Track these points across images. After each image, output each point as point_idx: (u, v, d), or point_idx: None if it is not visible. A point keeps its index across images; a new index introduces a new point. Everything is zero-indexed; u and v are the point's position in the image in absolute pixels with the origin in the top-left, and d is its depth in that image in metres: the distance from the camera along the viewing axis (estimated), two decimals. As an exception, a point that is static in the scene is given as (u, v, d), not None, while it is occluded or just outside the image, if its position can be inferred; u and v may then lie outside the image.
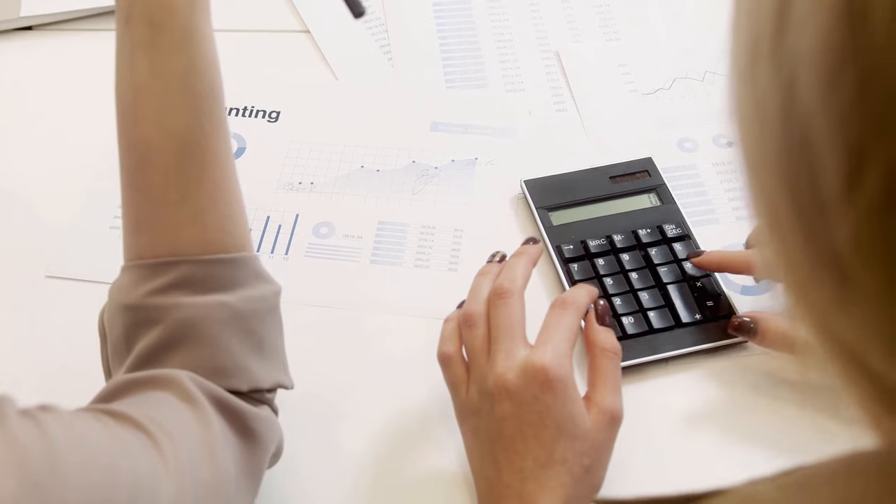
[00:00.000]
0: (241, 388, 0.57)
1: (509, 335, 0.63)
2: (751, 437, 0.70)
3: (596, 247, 0.80)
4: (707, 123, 0.94)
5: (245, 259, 0.59)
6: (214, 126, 0.58)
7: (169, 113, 0.57)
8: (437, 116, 0.94)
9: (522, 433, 0.60)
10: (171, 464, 0.49)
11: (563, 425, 0.60)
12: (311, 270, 0.81)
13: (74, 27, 1.05)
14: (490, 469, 0.62)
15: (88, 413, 0.50)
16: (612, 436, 0.63)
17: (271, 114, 0.94)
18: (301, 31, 1.04)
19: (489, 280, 0.68)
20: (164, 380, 0.55)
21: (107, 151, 0.90)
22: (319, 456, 0.70)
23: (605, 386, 0.63)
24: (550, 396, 0.60)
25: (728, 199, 0.87)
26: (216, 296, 0.57)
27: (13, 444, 0.43)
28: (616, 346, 0.65)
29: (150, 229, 0.58)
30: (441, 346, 0.67)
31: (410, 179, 0.88)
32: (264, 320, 0.60)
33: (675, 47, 1.02)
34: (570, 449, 0.60)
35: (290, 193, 0.87)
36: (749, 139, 0.30)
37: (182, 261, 0.57)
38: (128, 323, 0.57)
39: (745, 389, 0.73)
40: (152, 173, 0.57)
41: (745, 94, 0.30)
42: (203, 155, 0.58)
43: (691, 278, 0.77)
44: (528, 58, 1.01)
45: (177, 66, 0.57)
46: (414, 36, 1.03)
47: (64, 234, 0.84)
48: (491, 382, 0.62)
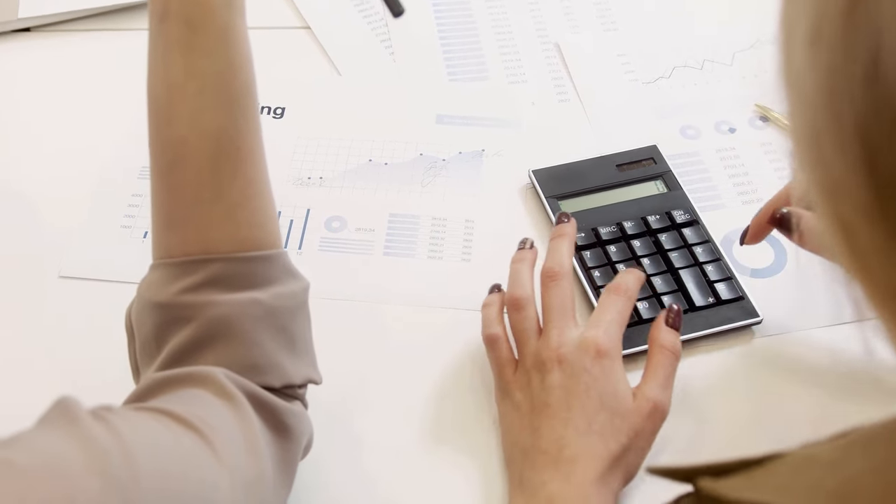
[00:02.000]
0: (274, 384, 0.58)
1: (562, 314, 0.68)
2: (766, 417, 0.72)
3: (607, 234, 0.81)
4: (708, 111, 0.95)
5: (277, 255, 0.60)
6: (249, 123, 0.59)
7: (204, 112, 0.57)
8: (442, 109, 0.95)
9: (568, 402, 0.64)
10: (225, 465, 0.50)
11: (606, 399, 0.63)
12: (325, 264, 0.82)
13: (73, 28, 1.04)
14: (529, 439, 0.64)
15: (148, 414, 0.50)
16: (652, 426, 0.65)
17: (276, 110, 0.95)
18: (301, 27, 1.04)
19: (527, 265, 0.72)
20: (200, 377, 0.55)
21: (111, 151, 0.91)
22: (339, 448, 0.70)
23: (655, 379, 0.66)
24: (599, 369, 0.64)
25: (733, 185, 0.88)
26: (249, 293, 0.57)
27: (92, 445, 0.43)
28: (677, 347, 0.67)
29: (182, 227, 0.58)
30: (487, 329, 0.70)
31: (419, 172, 0.89)
32: (295, 316, 0.60)
33: (673, 36, 1.03)
34: (609, 423, 0.63)
35: (299, 188, 0.88)
36: (814, 112, 0.31)
37: (215, 258, 0.57)
38: (158, 321, 0.57)
39: (758, 370, 0.74)
40: (186, 172, 0.57)
41: (809, 68, 0.31)
42: (237, 152, 0.58)
43: (702, 262, 0.78)
44: (528, 49, 1.02)
45: (213, 66, 0.57)
46: (414, 30, 1.04)
47: (75, 234, 0.84)
48: (545, 355, 0.66)
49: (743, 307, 0.76)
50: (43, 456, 0.42)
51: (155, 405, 0.51)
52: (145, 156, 0.89)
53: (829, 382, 0.73)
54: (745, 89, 0.97)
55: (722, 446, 0.70)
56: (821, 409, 0.72)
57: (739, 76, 0.98)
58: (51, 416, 0.46)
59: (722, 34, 1.03)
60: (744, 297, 0.77)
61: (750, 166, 0.90)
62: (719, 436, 0.71)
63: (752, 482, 0.37)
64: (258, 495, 0.53)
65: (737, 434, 0.71)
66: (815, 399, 0.72)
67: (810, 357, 0.75)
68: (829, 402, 0.72)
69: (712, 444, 0.70)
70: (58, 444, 0.43)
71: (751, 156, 0.91)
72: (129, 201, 0.86)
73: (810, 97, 0.31)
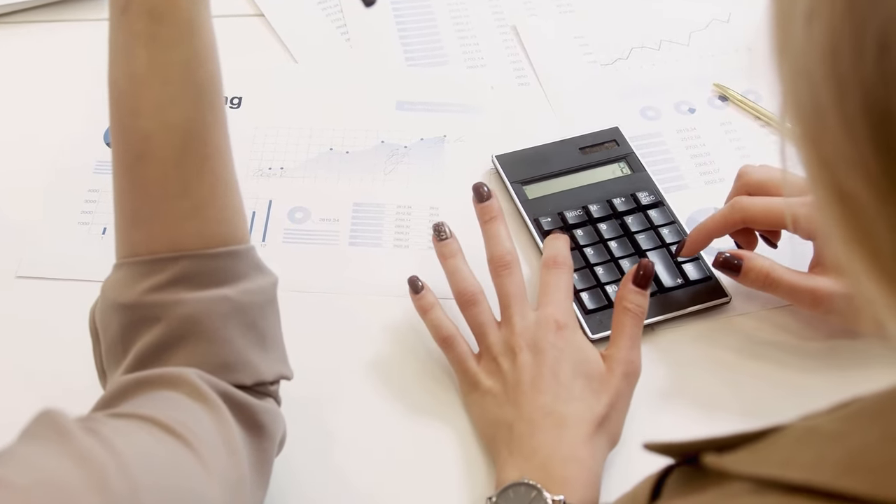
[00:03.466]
0: (246, 382, 0.57)
1: (520, 300, 0.70)
2: (737, 395, 0.72)
3: (573, 218, 0.80)
4: (667, 91, 0.95)
5: (245, 251, 0.58)
6: (216, 117, 0.57)
7: (170, 106, 0.55)
8: (402, 95, 0.94)
9: (542, 374, 0.65)
10: (212, 474, 0.49)
11: (578, 366, 0.66)
12: (291, 256, 0.81)
13: (25, 19, 1.01)
14: (511, 412, 0.65)
15: (135, 424, 0.49)
16: (627, 387, 0.67)
17: (233, 100, 0.93)
18: (255, 14, 1.02)
19: (461, 258, 0.73)
20: (172, 378, 0.54)
21: (66, 146, 0.89)
22: (310, 444, 0.69)
23: (622, 341, 0.67)
24: (563, 341, 0.67)
25: (695, 165, 0.88)
26: (217, 290, 0.56)
27: (88, 461, 0.42)
28: (641, 305, 0.68)
29: (147, 224, 0.56)
30: (438, 332, 0.71)
31: (381, 160, 0.88)
32: (265, 312, 0.59)
33: (629, 17, 1.03)
34: (588, 388, 0.65)
35: (261, 180, 0.86)
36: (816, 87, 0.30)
37: (182, 256, 0.55)
38: (125, 322, 0.56)
39: (728, 349, 0.75)
40: (152, 167, 0.56)
41: (810, 43, 0.30)
42: (205, 147, 0.56)
43: (669, 244, 0.79)
44: (486, 33, 1.02)
45: (178, 58, 0.55)
46: (370, 16, 1.03)
47: (32, 232, 0.82)
48: (512, 341, 0.67)
49: (711, 287, 0.77)
50: (39, 473, 0.41)
51: (136, 411, 0.50)
52: (100, 150, 0.88)
53: (798, 357, 0.74)
54: (703, 69, 0.97)
55: (694, 424, 0.71)
56: (791, 384, 0.73)
57: (697, 56, 0.99)
58: (38, 430, 0.45)
59: (678, 14, 1.03)
60: (712, 277, 0.77)
61: (711, 146, 0.90)
62: (691, 414, 0.71)
63: (757, 456, 0.37)
64: (240, 499, 0.52)
65: (709, 412, 0.71)
66: (785, 374, 0.73)
67: (779, 334, 0.75)
68: (799, 377, 0.73)
69: (684, 422, 0.71)
70: (52, 460, 0.42)
71: (711, 135, 0.91)
72: (86, 197, 0.84)
73: (812, 72, 0.31)
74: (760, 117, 0.92)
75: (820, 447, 0.35)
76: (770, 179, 0.74)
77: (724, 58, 0.98)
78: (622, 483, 0.65)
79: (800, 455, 0.36)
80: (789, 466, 0.35)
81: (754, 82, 0.94)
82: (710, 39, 1.00)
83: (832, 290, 0.70)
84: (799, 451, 0.36)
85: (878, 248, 0.31)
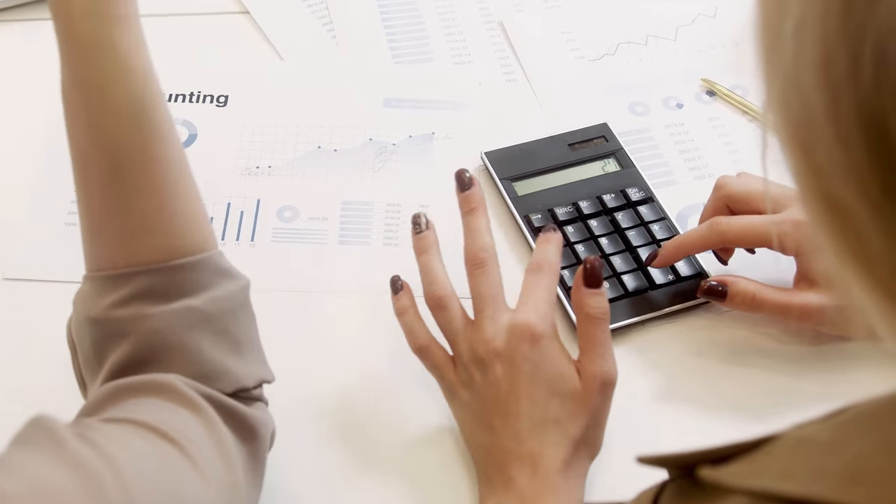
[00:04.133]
0: (226, 390, 0.56)
1: (493, 302, 0.65)
2: (730, 392, 0.72)
3: (563, 214, 0.80)
4: (655, 86, 0.95)
5: (205, 259, 0.57)
6: (146, 133, 0.55)
7: (94, 124, 0.55)
8: (389, 92, 0.94)
9: (515, 394, 0.62)
10: (206, 479, 0.49)
11: (553, 383, 0.62)
12: (280, 255, 0.80)
13: (9, 17, 1.00)
14: (485, 436, 0.63)
15: (129, 429, 0.48)
16: (605, 400, 0.64)
17: (219, 98, 0.92)
18: (240, 12, 1.01)
19: (435, 254, 0.69)
20: (157, 385, 0.53)
21: (52, 145, 0.87)
22: (302, 443, 0.69)
23: (593, 351, 0.64)
24: (538, 353, 0.62)
25: (684, 161, 0.88)
26: (182, 301, 0.55)
27: (83, 470, 0.42)
28: (602, 308, 0.64)
29: (102, 239, 0.56)
30: (413, 340, 0.67)
31: (369, 157, 0.88)
32: (237, 318, 0.58)
33: (616, 12, 1.03)
34: (563, 408, 0.62)
35: (248, 178, 0.86)
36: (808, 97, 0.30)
37: (139, 271, 0.55)
38: (95, 337, 0.56)
39: (720, 346, 0.75)
40: (93, 184, 0.56)
41: (801, 53, 0.30)
42: (138, 164, 0.55)
43: (660, 240, 0.79)
44: (472, 29, 1.01)
45: (88, 78, 0.54)
46: (355, 12, 1.02)
47: (17, 233, 0.81)
48: (481, 350, 0.63)
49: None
50: (34, 481, 0.40)
51: (128, 416, 0.50)
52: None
53: (791, 354, 0.74)
54: (691, 64, 0.97)
55: (685, 427, 0.71)
56: (784, 382, 0.73)
57: (684, 51, 0.99)
58: (31, 436, 0.44)
59: (664, 9, 1.03)
60: (703, 273, 0.77)
61: (700, 141, 0.90)
62: (684, 412, 0.71)
63: (753, 468, 0.37)
64: (235, 501, 0.52)
65: (703, 410, 0.71)
66: (778, 371, 0.73)
67: (771, 330, 0.75)
68: (792, 374, 0.73)
69: (674, 425, 0.71)
70: (47, 468, 0.42)
71: (700, 131, 0.91)
72: (72, 197, 0.82)
73: (803, 81, 0.31)
74: (748, 112, 0.92)
75: (817, 457, 0.35)
76: (751, 192, 0.73)
77: (711, 53, 0.98)
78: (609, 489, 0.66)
79: (796, 466, 0.35)
80: (786, 478, 0.35)
81: (742, 77, 0.94)
82: (696, 34, 1.00)
83: (820, 305, 0.69)
84: (795, 462, 0.35)
85: (872, 257, 0.31)
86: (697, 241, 0.74)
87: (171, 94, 0.92)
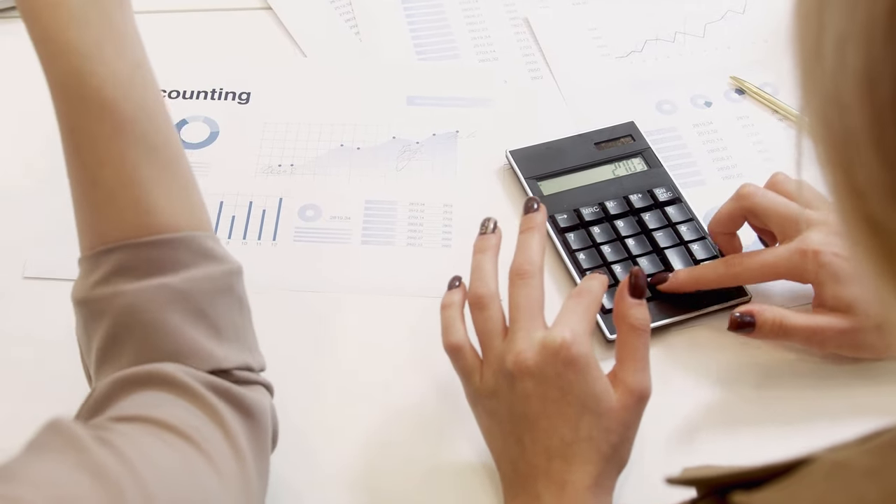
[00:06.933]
0: (202, 368, 0.55)
1: (529, 315, 0.63)
2: (759, 397, 0.71)
3: (589, 214, 0.79)
4: (683, 84, 0.94)
5: (185, 238, 0.56)
6: (112, 127, 0.55)
7: (62, 115, 0.56)
8: (413, 90, 0.93)
9: (546, 411, 0.60)
10: (223, 476, 0.48)
11: (587, 402, 0.60)
12: (302, 255, 0.79)
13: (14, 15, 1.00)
14: (514, 450, 0.62)
15: (146, 429, 0.48)
16: (638, 415, 0.62)
17: (241, 95, 0.92)
18: (263, 8, 1.01)
19: (490, 256, 0.67)
20: (158, 377, 0.53)
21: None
22: (321, 445, 0.69)
23: (633, 363, 0.62)
24: (573, 373, 0.60)
25: (712, 160, 0.87)
26: (158, 279, 0.55)
27: (104, 477, 0.41)
28: (645, 319, 0.63)
29: (81, 220, 0.57)
30: (447, 337, 0.65)
31: (393, 156, 0.87)
32: (215, 300, 0.57)
33: (643, 9, 1.01)
34: (596, 426, 0.60)
35: (270, 177, 0.85)
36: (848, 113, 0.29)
37: (113, 248, 0.55)
38: (81, 319, 0.56)
39: (749, 349, 0.73)
40: (68, 165, 0.57)
41: (843, 68, 0.29)
42: (100, 136, 0.55)
43: (688, 241, 0.77)
44: (497, 26, 1.00)
45: (56, 74, 0.55)
46: (379, 9, 1.01)
47: (37, 232, 0.80)
48: (510, 363, 0.61)
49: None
50: (55, 490, 0.40)
51: (141, 414, 0.49)
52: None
53: (821, 370, 0.72)
54: (719, 61, 0.95)
55: (718, 429, 0.69)
56: (815, 387, 0.71)
57: (713, 48, 0.97)
58: (49, 441, 0.44)
59: (693, 5, 1.01)
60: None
61: (728, 140, 0.88)
62: (714, 417, 0.70)
63: (787, 494, 0.35)
64: (247, 488, 0.51)
65: (733, 415, 0.70)
66: (809, 376, 0.72)
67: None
68: (823, 379, 0.71)
69: (707, 427, 0.69)
70: (66, 475, 0.41)
71: (728, 130, 0.89)
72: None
73: (844, 98, 0.29)
74: (778, 111, 0.90)
75: (856, 486, 0.33)
76: (774, 212, 0.71)
77: (740, 50, 0.97)
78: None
79: (833, 495, 0.34)
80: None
81: (771, 75, 0.92)
82: (725, 31, 0.98)
83: (841, 329, 0.68)
84: (831, 491, 0.34)
85: None
86: (713, 279, 0.73)
87: (193, 91, 0.91)
